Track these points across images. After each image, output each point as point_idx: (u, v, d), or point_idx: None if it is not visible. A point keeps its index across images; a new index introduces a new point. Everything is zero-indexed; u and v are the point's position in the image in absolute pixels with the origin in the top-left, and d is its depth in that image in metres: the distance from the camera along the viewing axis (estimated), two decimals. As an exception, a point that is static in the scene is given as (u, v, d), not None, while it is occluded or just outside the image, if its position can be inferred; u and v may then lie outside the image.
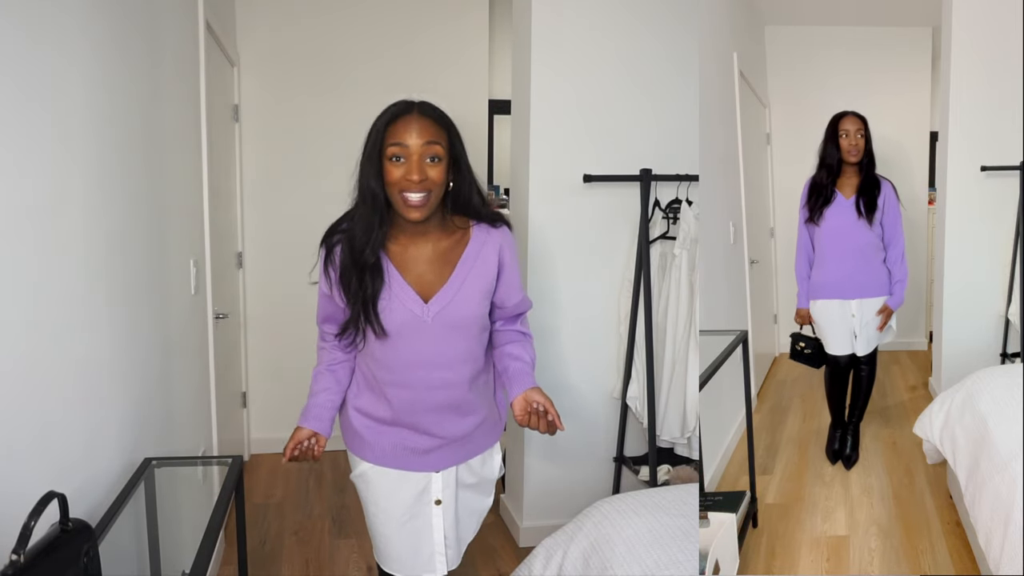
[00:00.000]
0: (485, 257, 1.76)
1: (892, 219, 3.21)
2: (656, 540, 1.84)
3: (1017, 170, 3.54)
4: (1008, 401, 2.32)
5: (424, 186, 1.61)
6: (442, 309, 1.72)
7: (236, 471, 1.95)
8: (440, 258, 1.74)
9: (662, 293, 3.11)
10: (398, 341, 1.72)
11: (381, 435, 1.82)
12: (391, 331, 1.71)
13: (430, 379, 1.75)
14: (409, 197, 1.62)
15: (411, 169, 1.60)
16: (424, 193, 1.62)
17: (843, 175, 3.21)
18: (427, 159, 1.62)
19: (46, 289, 1.41)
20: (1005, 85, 3.46)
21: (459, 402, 1.80)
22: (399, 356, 1.74)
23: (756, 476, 2.87)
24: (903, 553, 2.57)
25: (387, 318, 1.70)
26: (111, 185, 1.77)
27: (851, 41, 5.35)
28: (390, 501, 1.83)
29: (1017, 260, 3.60)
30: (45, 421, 1.40)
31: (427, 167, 1.62)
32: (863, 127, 3.17)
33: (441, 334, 1.73)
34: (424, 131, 1.62)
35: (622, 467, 3.25)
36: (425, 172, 1.61)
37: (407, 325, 1.70)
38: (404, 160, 1.61)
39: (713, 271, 3.33)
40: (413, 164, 1.60)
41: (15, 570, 1.11)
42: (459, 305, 1.72)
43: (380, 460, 1.83)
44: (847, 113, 3.20)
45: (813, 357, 3.30)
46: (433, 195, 1.64)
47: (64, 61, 1.50)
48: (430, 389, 1.77)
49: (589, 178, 3.07)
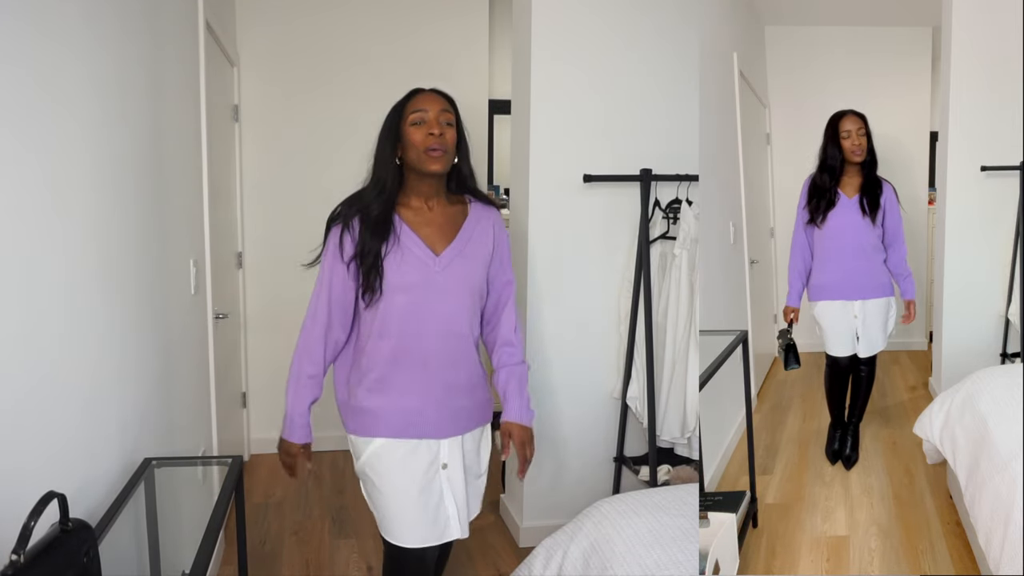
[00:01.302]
0: (483, 230, 1.99)
1: (894, 221, 3.21)
2: (656, 540, 1.84)
3: (1017, 170, 3.54)
4: (1008, 401, 2.32)
5: (443, 140, 1.87)
6: (451, 262, 1.91)
7: (236, 471, 1.94)
8: (448, 222, 1.95)
9: (662, 293, 3.11)
10: (412, 294, 1.88)
11: (392, 405, 1.92)
12: (405, 284, 1.87)
13: (439, 330, 1.91)
14: (432, 150, 1.86)
15: (432, 125, 1.87)
16: (443, 147, 1.86)
17: (845, 175, 3.21)
18: (443, 123, 1.89)
19: (46, 289, 1.41)
20: (1005, 85, 3.46)
21: (461, 359, 1.96)
22: (415, 310, 1.89)
23: (756, 476, 2.87)
24: (903, 553, 2.57)
25: (401, 271, 1.87)
26: (111, 185, 1.77)
27: (851, 41, 5.35)
28: (404, 474, 1.92)
29: (1017, 260, 3.60)
30: (45, 421, 1.40)
31: (444, 128, 1.88)
32: (864, 125, 3.16)
33: (451, 287, 1.91)
34: (439, 101, 1.91)
35: (622, 467, 3.25)
36: (443, 130, 1.88)
37: (421, 277, 1.88)
38: (425, 123, 1.87)
39: (713, 271, 3.33)
40: (433, 123, 1.87)
41: (15, 570, 1.10)
42: (467, 260, 1.93)
43: (392, 431, 1.92)
44: (846, 113, 3.19)
45: (783, 357, 3.28)
46: (449, 154, 1.89)
47: (64, 60, 1.50)
48: (439, 338, 1.92)
49: (589, 178, 3.07)
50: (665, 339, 3.08)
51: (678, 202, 3.10)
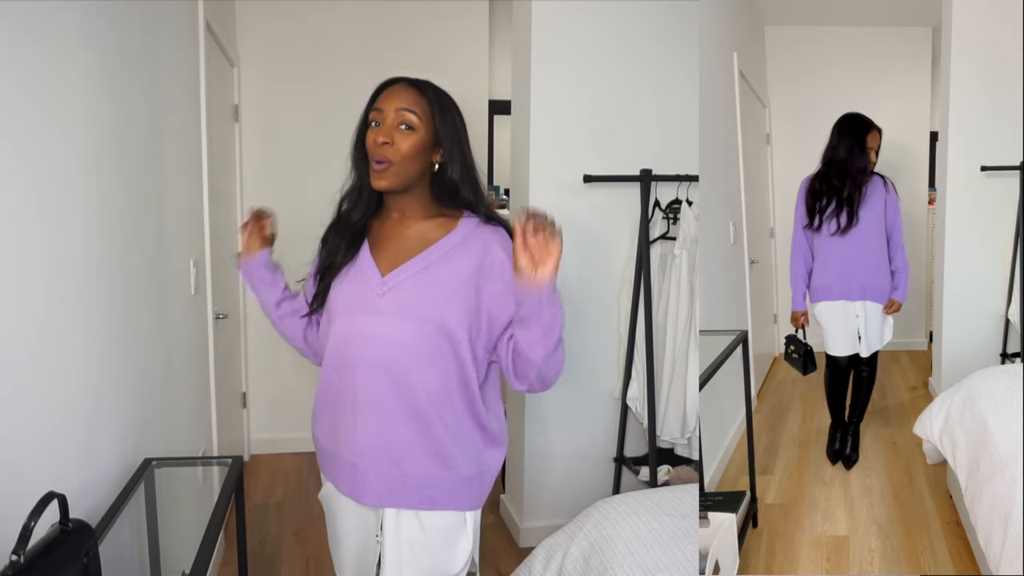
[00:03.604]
0: (466, 249, 1.56)
1: (892, 213, 3.20)
2: (656, 540, 1.84)
3: (1017, 170, 3.54)
4: (1008, 401, 2.32)
5: (385, 151, 1.51)
6: (397, 285, 1.54)
7: (236, 471, 1.95)
8: (417, 238, 1.59)
9: (662, 293, 3.11)
10: (348, 318, 1.57)
11: (331, 448, 1.64)
12: (342, 306, 1.58)
13: (381, 367, 1.53)
14: (374, 162, 1.53)
15: (379, 132, 1.52)
16: (385, 161, 1.51)
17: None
18: (399, 126, 1.52)
19: (46, 289, 1.41)
20: (1005, 85, 3.46)
21: (412, 413, 1.54)
22: (349, 334, 1.56)
23: (756, 476, 2.87)
24: (903, 553, 2.57)
25: (340, 290, 1.59)
26: (111, 185, 1.77)
27: (851, 41, 5.35)
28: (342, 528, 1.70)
29: (1017, 260, 3.60)
30: (45, 421, 1.40)
31: (397, 134, 1.52)
32: (879, 139, 3.14)
33: (394, 315, 1.53)
34: (402, 98, 1.53)
35: (622, 467, 3.25)
36: (392, 137, 1.51)
37: (359, 299, 1.56)
38: (378, 125, 1.54)
39: (713, 271, 3.33)
40: (384, 128, 1.52)
41: (15, 570, 1.10)
42: (418, 287, 1.53)
43: (330, 476, 1.66)
44: (872, 127, 3.10)
45: (800, 363, 3.26)
46: (397, 166, 1.52)
47: (63, 61, 1.50)
48: (379, 378, 1.53)
49: (589, 178, 3.07)
50: (665, 339, 3.08)
51: (678, 202, 3.10)
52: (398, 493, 1.56)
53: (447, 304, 1.53)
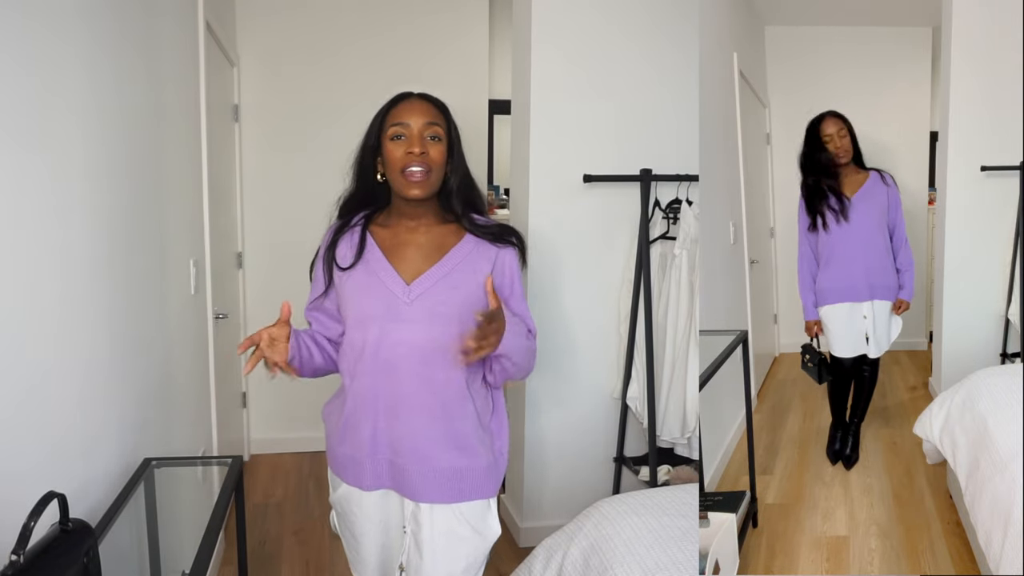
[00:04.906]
0: (481, 254, 1.70)
1: (894, 206, 3.20)
2: (656, 540, 1.84)
3: (1017, 170, 3.54)
4: (1008, 401, 2.32)
5: (424, 160, 1.63)
6: (425, 292, 1.64)
7: (236, 471, 1.95)
8: (432, 244, 1.70)
9: (662, 293, 3.11)
10: (376, 326, 1.64)
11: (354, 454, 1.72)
12: (369, 314, 1.64)
13: (411, 370, 1.64)
14: (411, 171, 1.63)
15: (412, 143, 1.63)
16: (425, 167, 1.63)
17: (840, 175, 3.20)
18: (428, 137, 1.65)
19: (46, 289, 1.41)
20: (1005, 85, 3.45)
21: (441, 411, 1.66)
22: (381, 342, 1.63)
23: (756, 476, 2.87)
24: (903, 553, 2.57)
25: (360, 298, 1.66)
26: (111, 185, 1.77)
27: (851, 41, 5.35)
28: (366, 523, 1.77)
29: (1017, 260, 3.60)
30: (45, 421, 1.40)
31: (428, 144, 1.64)
32: (844, 126, 3.14)
33: (423, 321, 1.63)
34: (425, 112, 1.66)
35: (622, 467, 3.25)
36: (426, 147, 1.64)
37: (387, 307, 1.64)
38: (405, 138, 1.64)
39: (713, 271, 3.33)
40: (414, 139, 1.63)
41: (15, 570, 1.10)
42: (444, 293, 1.64)
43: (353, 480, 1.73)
44: (825, 116, 3.13)
45: (816, 372, 3.25)
46: (434, 174, 1.65)
47: (63, 61, 1.50)
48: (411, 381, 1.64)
49: (589, 178, 3.07)
50: (665, 339, 3.08)
51: (678, 202, 3.10)
52: (434, 488, 1.67)
53: (470, 306, 1.65)
